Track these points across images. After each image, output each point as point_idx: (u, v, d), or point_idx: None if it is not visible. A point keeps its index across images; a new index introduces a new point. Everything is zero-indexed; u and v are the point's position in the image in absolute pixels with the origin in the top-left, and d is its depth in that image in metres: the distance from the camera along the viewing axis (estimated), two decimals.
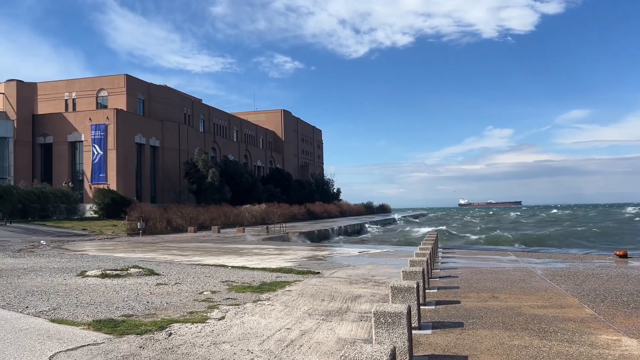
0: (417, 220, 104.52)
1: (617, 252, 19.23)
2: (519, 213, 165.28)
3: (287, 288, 12.44)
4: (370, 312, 6.83)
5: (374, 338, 6.26)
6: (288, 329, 8.24)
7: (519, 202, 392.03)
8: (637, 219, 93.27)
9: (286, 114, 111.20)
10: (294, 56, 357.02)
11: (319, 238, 44.54)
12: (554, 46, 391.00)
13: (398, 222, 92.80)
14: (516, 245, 38.52)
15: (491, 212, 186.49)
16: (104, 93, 66.89)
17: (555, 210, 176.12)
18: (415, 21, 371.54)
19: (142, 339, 7.58)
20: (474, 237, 57.09)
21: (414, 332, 7.72)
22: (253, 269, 16.75)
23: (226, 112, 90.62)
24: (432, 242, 18.73)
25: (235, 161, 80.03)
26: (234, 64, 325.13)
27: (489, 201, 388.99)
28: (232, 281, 13.67)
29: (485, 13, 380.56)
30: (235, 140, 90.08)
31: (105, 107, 64.82)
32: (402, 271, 10.11)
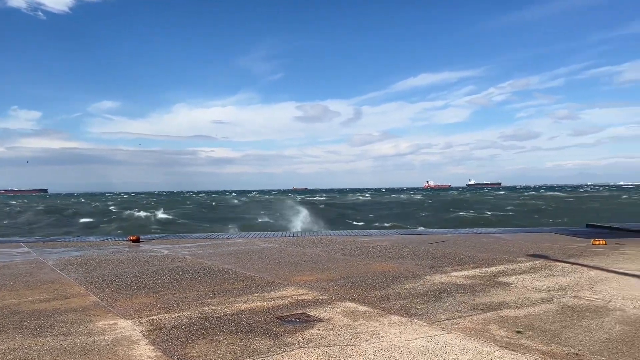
0: None
1: (131, 238, 20.00)
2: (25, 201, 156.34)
3: None
4: None
5: None
6: None
7: (46, 190, 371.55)
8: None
9: None
10: None
11: None
12: (90, 33, 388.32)
13: None
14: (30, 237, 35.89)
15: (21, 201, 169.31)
16: None
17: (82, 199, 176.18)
18: None
19: None
20: None
21: None
22: None
23: None
24: None
25: None
26: None
27: (10, 188, 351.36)
28: None
29: None
30: None
31: None
32: None
